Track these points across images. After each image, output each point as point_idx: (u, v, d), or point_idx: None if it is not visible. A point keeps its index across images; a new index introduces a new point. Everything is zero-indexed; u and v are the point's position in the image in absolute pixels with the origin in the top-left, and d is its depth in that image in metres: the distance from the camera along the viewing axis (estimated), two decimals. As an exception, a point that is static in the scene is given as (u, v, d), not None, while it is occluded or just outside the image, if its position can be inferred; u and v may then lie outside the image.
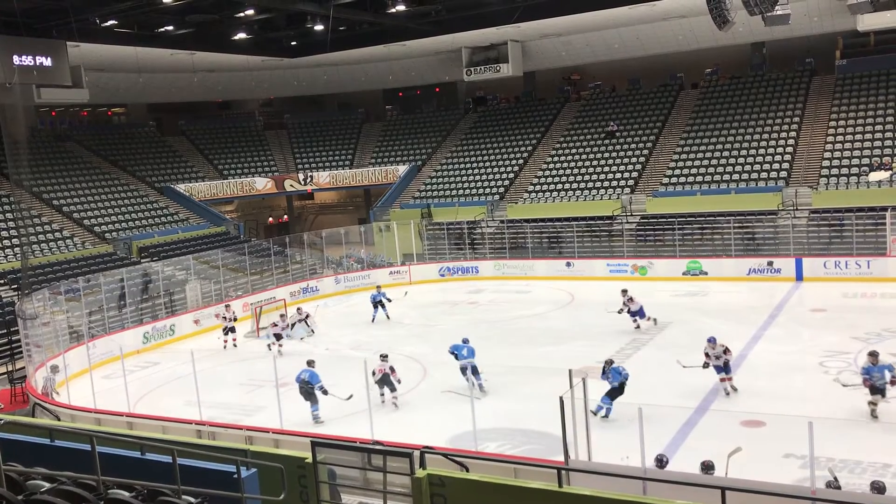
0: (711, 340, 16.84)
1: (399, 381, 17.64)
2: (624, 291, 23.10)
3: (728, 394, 16.62)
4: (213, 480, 7.58)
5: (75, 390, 20.05)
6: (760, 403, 15.56)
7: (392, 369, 17.42)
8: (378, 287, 28.47)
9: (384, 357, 17.61)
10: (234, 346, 24.85)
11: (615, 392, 15.59)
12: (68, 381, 20.76)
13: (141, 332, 25.63)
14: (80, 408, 18.04)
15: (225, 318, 25.20)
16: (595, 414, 15.19)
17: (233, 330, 24.98)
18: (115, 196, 38.77)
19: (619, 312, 22.79)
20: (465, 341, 18.34)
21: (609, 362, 16.10)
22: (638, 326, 22.63)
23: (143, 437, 9.25)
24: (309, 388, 16.66)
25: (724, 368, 16.74)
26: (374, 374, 17.06)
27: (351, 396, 16.19)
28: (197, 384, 16.36)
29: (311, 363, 17.26)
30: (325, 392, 16.62)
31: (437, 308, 28.54)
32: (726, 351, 16.76)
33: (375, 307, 26.82)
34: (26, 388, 20.60)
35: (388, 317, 26.72)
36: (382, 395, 17.43)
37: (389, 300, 27.02)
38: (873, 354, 14.97)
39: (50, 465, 7.07)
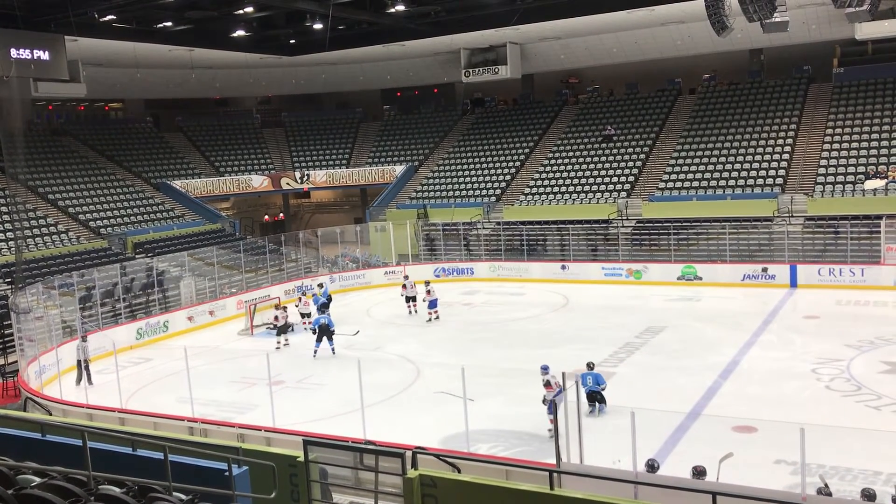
0: (544, 369, 15.13)
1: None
2: (427, 283, 26.63)
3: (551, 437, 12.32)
4: (204, 477, 7.58)
5: (67, 385, 20.02)
6: (752, 409, 15.62)
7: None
8: (320, 285, 29.90)
9: (427, 283, 26.33)
10: (286, 344, 23.88)
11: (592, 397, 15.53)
12: (60, 375, 20.69)
13: (134, 328, 25.55)
14: (71, 403, 17.98)
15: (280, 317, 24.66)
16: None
17: (285, 330, 24.21)
18: (110, 191, 38.66)
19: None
20: (324, 293, 26.63)
21: (589, 366, 15.91)
22: (430, 317, 25.77)
23: (134, 433, 9.24)
24: (329, 329, 21.40)
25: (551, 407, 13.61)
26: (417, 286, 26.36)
27: (357, 332, 20.40)
28: (190, 381, 16.35)
29: (321, 310, 22.58)
30: (333, 333, 21.67)
31: (431, 309, 28.52)
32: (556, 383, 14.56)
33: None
34: (18, 382, 20.53)
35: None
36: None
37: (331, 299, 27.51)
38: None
39: (41, 459, 7.06)
